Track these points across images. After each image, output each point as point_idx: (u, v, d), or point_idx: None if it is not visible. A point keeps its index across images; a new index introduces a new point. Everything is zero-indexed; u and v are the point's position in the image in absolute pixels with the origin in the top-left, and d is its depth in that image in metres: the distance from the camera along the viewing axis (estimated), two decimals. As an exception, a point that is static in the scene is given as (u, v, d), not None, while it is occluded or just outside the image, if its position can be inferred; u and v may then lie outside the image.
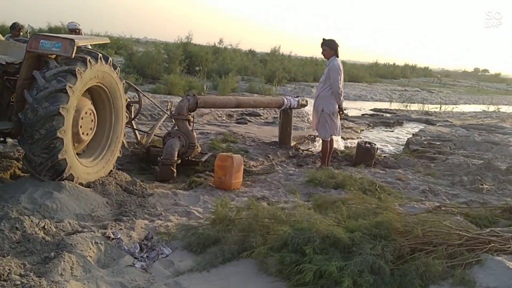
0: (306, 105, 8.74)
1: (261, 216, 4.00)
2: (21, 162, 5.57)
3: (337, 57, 6.79)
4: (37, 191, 4.29)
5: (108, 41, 5.66)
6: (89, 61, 4.63)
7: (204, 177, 6.29)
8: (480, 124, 15.91)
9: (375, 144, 7.90)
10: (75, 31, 8.93)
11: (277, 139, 9.17)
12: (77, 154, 4.81)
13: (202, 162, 6.81)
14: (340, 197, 5.28)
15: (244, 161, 6.41)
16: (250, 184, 6.20)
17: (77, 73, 4.46)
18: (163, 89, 16.11)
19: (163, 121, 8.01)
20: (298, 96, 8.68)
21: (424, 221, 3.79)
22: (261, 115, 12.98)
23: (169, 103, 8.00)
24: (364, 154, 7.63)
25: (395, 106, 21.30)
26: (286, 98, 8.25)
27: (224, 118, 12.10)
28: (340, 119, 7.02)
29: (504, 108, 24.63)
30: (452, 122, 15.92)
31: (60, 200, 4.25)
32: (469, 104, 27.17)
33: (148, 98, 8.54)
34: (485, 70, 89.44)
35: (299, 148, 8.47)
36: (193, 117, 6.87)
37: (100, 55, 4.83)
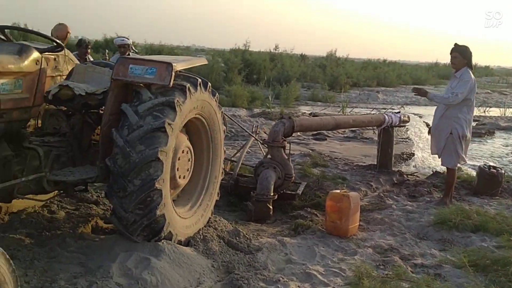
0: (408, 122, 7.55)
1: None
2: (101, 207, 4.75)
3: (470, 68, 5.58)
4: (130, 257, 3.37)
5: (206, 62, 4.73)
6: (189, 89, 3.69)
7: (309, 217, 5.26)
8: None
9: (501, 169, 6.60)
10: (124, 46, 8.06)
11: (370, 160, 8.06)
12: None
13: (299, 195, 5.81)
14: (500, 255, 4.11)
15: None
16: (366, 227, 5.10)
17: (176, 105, 3.52)
18: (226, 101, 15.22)
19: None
20: (399, 112, 7.50)
21: None
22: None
23: (254, 124, 7.03)
24: (489, 182, 6.37)
25: (471, 111, 19.54)
26: (386, 115, 7.09)
27: (298, 133, 11.08)
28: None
29: None
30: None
31: (159, 270, 3.31)
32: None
33: (229, 118, 7.60)
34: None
35: (403, 173, 7.28)
36: (289, 143, 5.86)
37: (199, 80, 3.88)
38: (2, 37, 3.42)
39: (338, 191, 4.97)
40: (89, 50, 7.60)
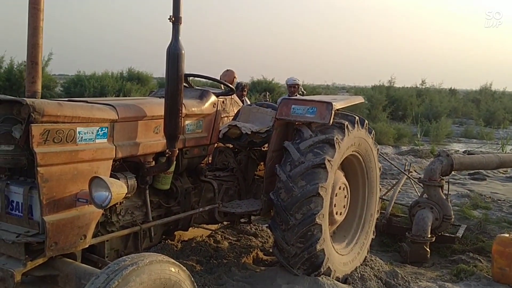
0: None
1: None
2: (260, 239, 5.00)
3: None
4: (291, 290, 3.50)
5: (363, 100, 4.83)
6: (347, 127, 3.79)
7: (472, 262, 4.89)
8: None
9: None
10: (294, 86, 8.50)
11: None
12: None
13: (459, 238, 5.42)
14: None
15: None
16: (540, 276, 4.55)
17: (335, 143, 3.63)
18: (372, 138, 14.98)
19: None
20: None
21: None
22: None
23: (405, 162, 6.82)
24: None
25: None
26: (561, 153, 6.34)
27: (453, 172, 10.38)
28: None
29: None
30: None
31: (319, 305, 3.37)
32: None
33: (380, 155, 7.49)
34: None
35: None
36: (447, 183, 5.57)
37: (357, 118, 3.96)
38: (186, 84, 3.90)
39: (507, 235, 4.55)
40: (245, 93, 8.20)
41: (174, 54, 2.92)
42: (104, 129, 2.78)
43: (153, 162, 3.25)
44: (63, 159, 2.53)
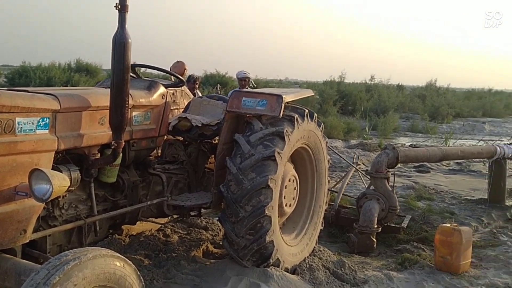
0: (524, 154, 7.03)
1: None
2: (210, 232, 4.98)
3: None
4: (241, 282, 3.52)
5: (312, 93, 4.88)
6: (297, 119, 3.82)
7: (415, 251, 5.07)
8: None
9: None
10: (245, 80, 8.52)
11: (479, 194, 7.58)
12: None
13: (404, 228, 5.62)
14: None
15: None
16: (478, 264, 4.80)
17: (285, 135, 3.66)
18: (322, 132, 15.26)
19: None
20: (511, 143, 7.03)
21: None
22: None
23: (354, 155, 6.98)
24: None
25: None
26: (498, 147, 6.68)
27: (399, 165, 10.73)
28: None
29: None
30: None
31: (269, 296, 3.40)
32: None
33: (330, 148, 7.63)
34: None
35: (518, 208, 6.76)
36: (393, 175, 5.74)
37: (306, 111, 4.01)
38: (133, 74, 3.81)
39: (448, 225, 4.75)
40: (197, 85, 8.12)
41: (120, 43, 2.84)
42: (45, 119, 2.68)
43: (98, 154, 3.16)
44: (1, 150, 2.42)
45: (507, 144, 6.91)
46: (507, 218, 6.42)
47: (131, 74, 3.58)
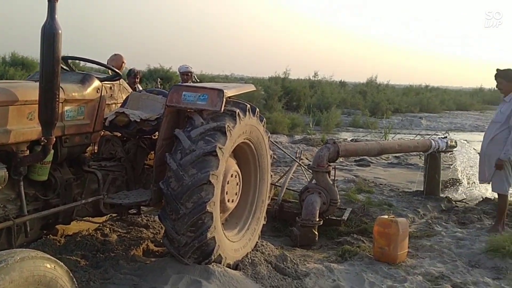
0: (456, 147, 7.39)
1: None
2: (151, 231, 4.86)
3: (520, 90, 5.48)
4: (181, 280, 3.44)
5: (254, 88, 4.85)
6: (238, 114, 3.79)
7: (355, 243, 5.20)
8: None
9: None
10: (187, 74, 8.42)
11: (416, 186, 7.89)
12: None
13: (345, 221, 5.75)
14: None
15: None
16: (415, 254, 4.97)
17: (226, 130, 3.62)
18: (267, 128, 15.30)
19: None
20: (445, 137, 7.35)
21: None
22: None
23: (298, 150, 7.06)
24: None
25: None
26: (433, 140, 6.98)
27: (340, 159, 10.98)
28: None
29: None
30: None
31: (210, 292, 3.35)
32: None
33: (273, 143, 7.67)
34: None
35: (451, 199, 7.09)
36: (334, 169, 5.85)
37: (248, 106, 3.98)
38: (65, 67, 3.63)
39: (386, 216, 4.90)
40: (137, 80, 7.91)
41: (49, 34, 2.69)
42: (-32, 114, 2.49)
43: (28, 151, 2.99)
44: None
45: (441, 138, 7.21)
46: (442, 209, 6.71)
47: (63, 66, 3.41)
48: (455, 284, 4.23)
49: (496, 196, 5.99)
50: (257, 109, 4.17)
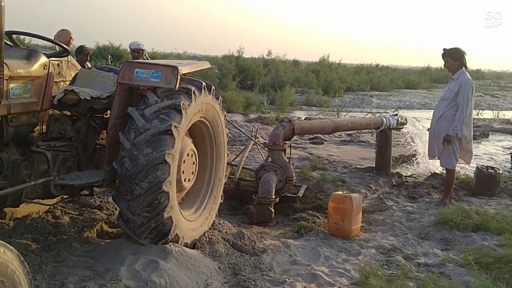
0: (406, 124, 7.61)
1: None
2: (105, 212, 4.75)
3: (465, 68, 5.67)
4: (138, 260, 3.39)
5: (209, 65, 4.75)
6: (194, 92, 3.72)
7: (311, 219, 5.30)
8: None
9: (499, 169, 6.68)
10: (138, 51, 8.24)
11: (368, 163, 8.11)
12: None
13: (300, 197, 5.84)
14: (502, 252, 4.16)
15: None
16: (368, 228, 5.13)
17: (182, 108, 3.55)
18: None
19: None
20: (396, 114, 7.56)
21: None
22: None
23: (253, 129, 7.06)
24: (487, 182, 6.43)
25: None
26: (384, 118, 7.15)
27: (295, 137, 11.10)
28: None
29: None
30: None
31: (168, 272, 3.32)
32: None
33: (229, 122, 7.62)
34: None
35: (401, 175, 7.33)
36: (289, 147, 5.89)
37: (203, 84, 3.92)
38: (9, 42, 3.43)
39: (340, 192, 5.00)
40: (88, 57, 7.63)
41: (-9, 7, 2.51)
42: None
43: (-30, 131, 2.82)
44: None
45: (392, 115, 7.40)
46: (392, 185, 6.94)
47: (7, 42, 3.22)
48: (406, 256, 4.39)
49: (444, 171, 6.25)
50: (213, 87, 4.12)
